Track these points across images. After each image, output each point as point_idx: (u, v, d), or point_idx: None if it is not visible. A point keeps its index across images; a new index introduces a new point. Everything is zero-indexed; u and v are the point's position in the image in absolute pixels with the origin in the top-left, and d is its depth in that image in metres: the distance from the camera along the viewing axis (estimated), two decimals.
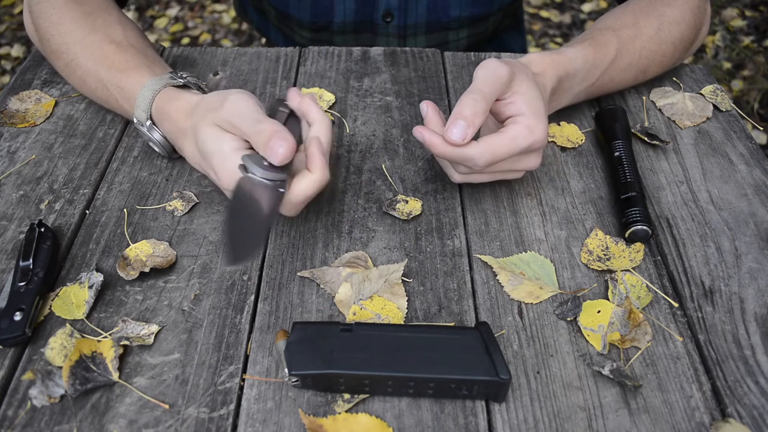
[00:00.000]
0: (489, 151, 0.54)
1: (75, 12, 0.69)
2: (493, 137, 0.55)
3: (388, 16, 0.89)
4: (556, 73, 0.63)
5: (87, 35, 0.67)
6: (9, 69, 2.35)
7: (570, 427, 0.47)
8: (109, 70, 0.65)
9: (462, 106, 0.54)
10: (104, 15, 0.70)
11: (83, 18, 0.68)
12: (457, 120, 0.53)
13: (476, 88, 0.55)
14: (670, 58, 0.74)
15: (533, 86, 0.57)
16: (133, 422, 0.47)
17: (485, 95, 0.55)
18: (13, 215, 0.62)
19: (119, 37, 0.67)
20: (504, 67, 0.56)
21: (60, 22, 0.69)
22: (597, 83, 0.69)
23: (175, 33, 2.55)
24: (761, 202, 0.64)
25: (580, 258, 0.59)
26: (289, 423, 0.47)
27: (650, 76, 0.75)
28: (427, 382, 0.46)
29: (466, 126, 0.53)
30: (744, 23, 2.43)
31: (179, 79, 0.62)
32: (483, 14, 0.91)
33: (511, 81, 0.56)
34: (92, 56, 0.66)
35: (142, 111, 0.62)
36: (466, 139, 0.53)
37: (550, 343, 0.52)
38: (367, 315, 0.53)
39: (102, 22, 0.69)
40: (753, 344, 0.52)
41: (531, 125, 0.55)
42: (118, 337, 0.51)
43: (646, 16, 0.72)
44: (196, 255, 0.58)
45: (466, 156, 0.54)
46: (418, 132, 0.55)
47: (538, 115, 0.56)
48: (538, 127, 0.55)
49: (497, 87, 0.55)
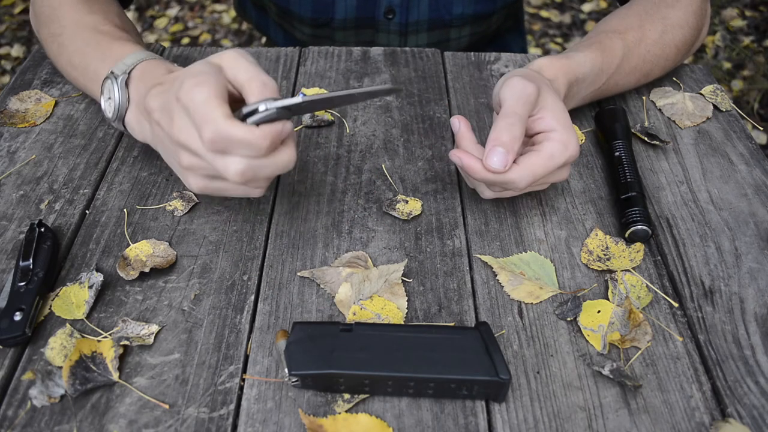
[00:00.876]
0: (529, 173, 0.54)
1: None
2: (531, 157, 0.54)
3: (390, 12, 0.89)
4: (567, 79, 0.63)
5: (85, 15, 0.68)
6: (9, 69, 2.35)
7: (570, 427, 0.47)
8: (100, 41, 0.64)
9: (499, 132, 0.53)
10: (103, 5, 0.71)
11: (83, 3, 0.69)
12: (495, 147, 0.52)
13: (510, 111, 0.54)
14: (673, 61, 0.75)
15: (557, 99, 0.57)
16: (133, 422, 0.47)
17: (521, 118, 0.54)
18: (13, 215, 0.62)
19: (119, 22, 0.68)
20: (531, 86, 0.55)
21: (60, 6, 0.70)
22: (602, 88, 0.69)
23: (175, 33, 2.55)
24: (761, 202, 0.64)
25: (580, 258, 0.59)
26: (289, 423, 0.47)
27: (652, 78, 0.75)
28: (427, 382, 0.46)
29: (506, 152, 0.52)
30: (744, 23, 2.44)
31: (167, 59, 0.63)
32: (486, 12, 0.91)
33: (539, 95, 0.56)
34: (86, 33, 0.66)
35: (123, 65, 0.58)
36: (507, 166, 0.53)
37: (550, 343, 0.52)
38: (367, 315, 0.53)
39: (100, 8, 0.70)
40: (753, 344, 0.52)
41: (565, 140, 0.55)
42: (118, 337, 0.51)
43: (650, 18, 0.72)
44: (196, 255, 0.58)
45: (507, 180, 0.54)
46: (455, 156, 0.55)
47: (568, 129, 0.55)
48: (571, 141, 0.55)
49: (528, 107, 0.55)
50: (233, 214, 0.62)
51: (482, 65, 0.82)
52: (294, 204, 0.63)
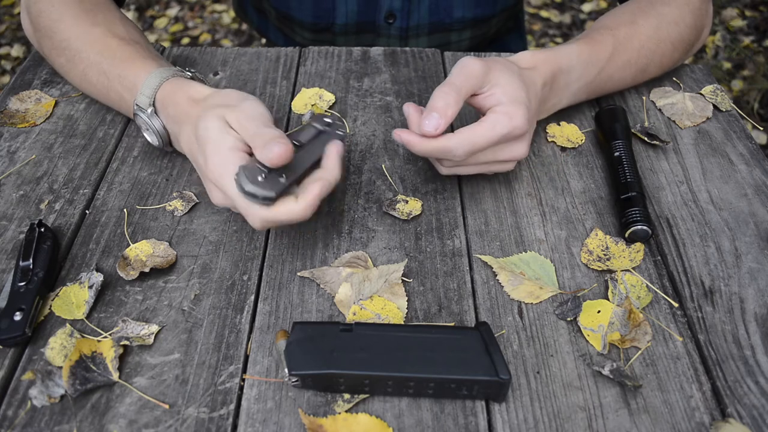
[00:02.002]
0: (467, 141, 0.55)
1: (75, 9, 0.69)
2: (470, 127, 0.56)
3: (391, 17, 0.89)
4: (549, 68, 0.64)
5: (89, 29, 0.68)
6: (9, 69, 2.35)
7: (570, 427, 0.47)
8: (112, 60, 0.65)
9: (434, 100, 0.56)
10: (104, 12, 0.70)
11: (84, 14, 0.69)
12: (429, 112, 0.55)
13: (448, 81, 0.57)
14: (669, 58, 0.74)
15: (514, 78, 0.58)
16: (133, 422, 0.47)
17: (456, 87, 0.56)
18: (13, 215, 0.62)
19: (122, 33, 0.68)
20: (477, 62, 0.57)
21: (61, 19, 0.69)
22: (596, 81, 0.69)
23: (175, 33, 2.55)
24: (761, 202, 0.64)
25: (580, 258, 0.59)
26: (289, 423, 0.47)
27: (650, 75, 0.75)
28: (427, 382, 0.46)
29: (438, 117, 0.54)
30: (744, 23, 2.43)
31: (187, 72, 0.63)
32: (486, 16, 0.91)
33: (487, 75, 0.57)
34: (95, 49, 0.66)
35: (145, 97, 0.61)
36: (438, 129, 0.54)
37: (550, 343, 0.52)
38: (367, 315, 0.53)
39: (103, 18, 0.69)
40: (753, 344, 0.52)
41: (509, 112, 0.56)
42: (118, 337, 0.51)
43: (644, 15, 0.72)
44: (196, 255, 0.58)
45: (445, 148, 0.55)
46: (396, 135, 0.56)
47: (516, 102, 0.56)
48: (517, 113, 0.56)
49: (471, 81, 0.57)
50: (233, 214, 0.62)
51: None
52: None
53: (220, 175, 0.52)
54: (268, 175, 0.51)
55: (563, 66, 0.65)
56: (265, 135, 0.51)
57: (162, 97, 0.61)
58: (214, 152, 0.52)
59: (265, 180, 0.50)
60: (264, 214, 0.51)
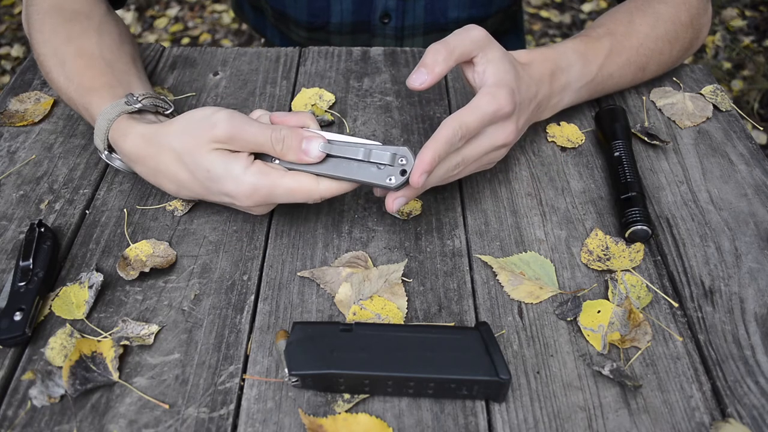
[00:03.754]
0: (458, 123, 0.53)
1: (55, 19, 0.67)
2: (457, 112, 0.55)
3: (386, 17, 0.89)
4: (547, 65, 0.64)
5: (60, 46, 0.66)
6: (9, 69, 2.35)
7: (570, 427, 0.47)
8: (77, 89, 0.63)
9: (425, 56, 0.56)
10: (83, 22, 0.68)
11: (62, 26, 0.67)
12: (418, 68, 0.55)
13: (443, 40, 0.57)
14: (668, 56, 0.74)
15: (506, 63, 0.58)
16: (133, 422, 0.47)
17: (450, 47, 0.56)
18: (13, 215, 0.62)
19: (91, 48, 0.65)
20: (479, 30, 0.58)
21: (41, 29, 0.68)
22: (596, 80, 0.69)
23: (175, 33, 2.55)
24: (761, 202, 0.64)
25: (580, 258, 0.59)
26: (289, 423, 0.47)
27: (650, 74, 0.75)
28: (427, 382, 0.46)
29: (425, 72, 0.55)
30: (744, 23, 2.43)
31: (134, 103, 0.60)
32: (481, 16, 0.91)
33: (485, 47, 0.58)
34: (63, 72, 0.64)
35: (99, 141, 0.60)
36: (423, 84, 0.55)
37: (550, 343, 0.52)
38: (367, 315, 0.53)
39: (78, 30, 0.67)
40: (753, 344, 0.52)
41: (493, 92, 0.56)
42: (118, 337, 0.51)
43: (641, 13, 0.72)
44: (196, 255, 0.58)
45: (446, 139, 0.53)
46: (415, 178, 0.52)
47: (501, 84, 0.56)
48: (501, 92, 0.56)
49: (465, 43, 0.57)
50: (233, 214, 0.62)
51: None
52: (294, 204, 0.63)
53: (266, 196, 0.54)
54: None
55: (561, 63, 0.65)
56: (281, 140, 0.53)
57: (113, 141, 0.59)
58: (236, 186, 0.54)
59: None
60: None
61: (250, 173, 0.53)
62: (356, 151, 0.53)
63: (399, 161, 0.53)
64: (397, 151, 0.53)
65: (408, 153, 0.52)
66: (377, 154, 0.52)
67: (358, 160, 0.53)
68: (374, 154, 0.53)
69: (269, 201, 0.55)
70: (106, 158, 0.62)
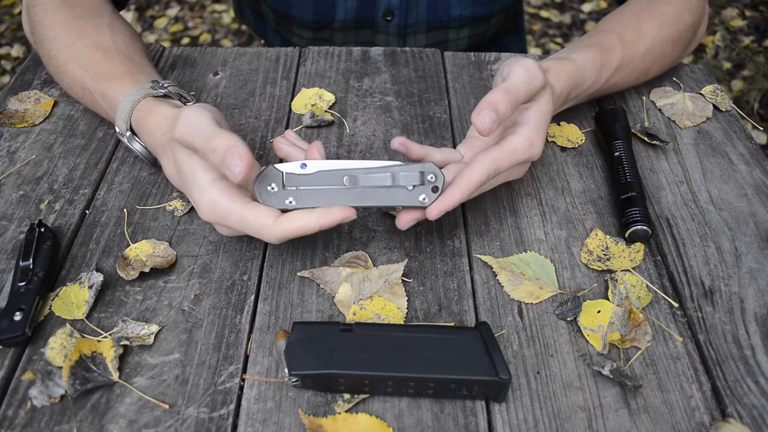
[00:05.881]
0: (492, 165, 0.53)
1: (66, 16, 0.68)
2: (494, 151, 0.54)
3: (389, 14, 0.90)
4: (569, 84, 0.63)
5: (75, 41, 0.66)
6: (9, 69, 2.35)
7: (570, 427, 0.47)
8: (93, 77, 0.64)
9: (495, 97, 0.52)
10: (95, 18, 0.69)
11: (73, 22, 0.68)
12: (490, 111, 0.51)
13: (513, 89, 0.54)
14: (670, 57, 0.75)
15: (550, 100, 0.58)
16: (133, 422, 0.47)
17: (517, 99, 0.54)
18: (13, 215, 0.62)
19: (107, 43, 0.66)
20: (542, 76, 0.56)
21: (51, 26, 0.68)
22: (602, 88, 0.70)
23: (175, 33, 2.55)
24: (761, 202, 0.64)
25: (580, 258, 0.59)
26: (289, 423, 0.47)
27: (651, 76, 0.75)
28: (427, 382, 0.46)
29: (497, 119, 0.52)
30: (744, 23, 2.43)
31: (160, 89, 0.60)
32: (484, 14, 0.91)
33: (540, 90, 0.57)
34: (78, 63, 0.65)
35: (122, 122, 0.60)
36: (492, 131, 0.52)
37: (550, 343, 0.52)
38: (367, 315, 0.53)
39: (91, 26, 0.68)
40: (753, 344, 0.52)
41: (531, 138, 0.55)
42: (118, 337, 0.51)
43: (648, 16, 0.72)
44: (196, 255, 0.58)
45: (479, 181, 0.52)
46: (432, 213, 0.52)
47: (539, 129, 0.56)
48: (538, 140, 0.56)
49: (529, 94, 0.55)
50: None
51: (482, 65, 0.82)
52: None
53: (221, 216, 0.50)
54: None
55: (579, 80, 0.65)
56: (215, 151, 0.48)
57: (136, 123, 0.60)
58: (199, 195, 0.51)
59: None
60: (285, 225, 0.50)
61: (215, 188, 0.50)
62: (383, 178, 0.51)
63: (428, 178, 0.51)
64: (424, 168, 0.51)
65: (435, 169, 0.51)
66: (405, 177, 0.51)
67: (386, 187, 0.52)
68: (401, 177, 0.51)
69: (225, 223, 0.51)
70: (128, 140, 0.62)
